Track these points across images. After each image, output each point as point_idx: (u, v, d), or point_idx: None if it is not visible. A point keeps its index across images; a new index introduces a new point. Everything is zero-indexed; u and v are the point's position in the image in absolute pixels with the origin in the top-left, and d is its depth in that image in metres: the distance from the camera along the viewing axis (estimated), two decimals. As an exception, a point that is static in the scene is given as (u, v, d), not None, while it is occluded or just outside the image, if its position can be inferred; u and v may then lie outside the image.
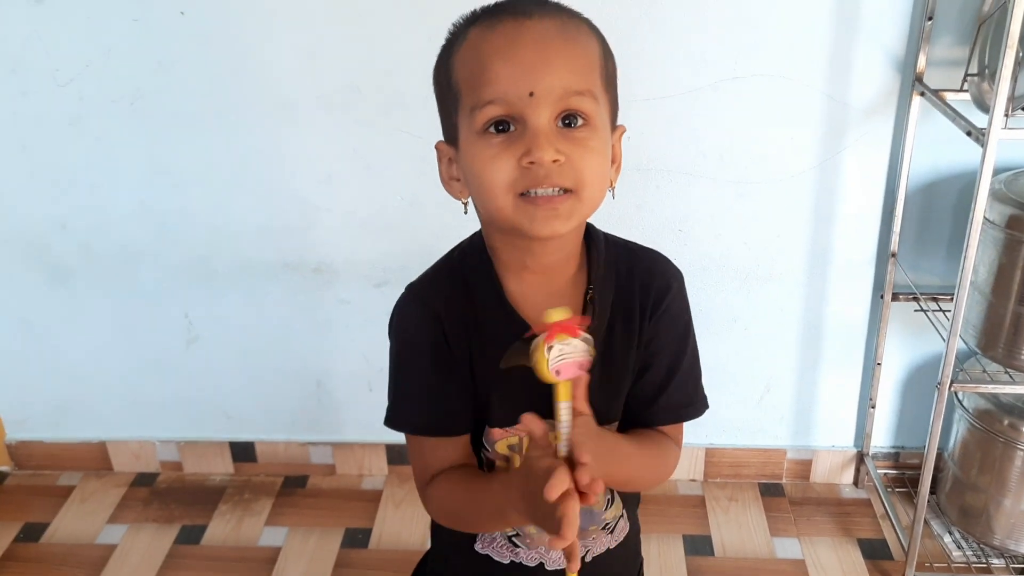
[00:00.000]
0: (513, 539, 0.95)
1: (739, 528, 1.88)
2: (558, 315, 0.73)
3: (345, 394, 1.99)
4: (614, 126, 0.84)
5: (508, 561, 0.96)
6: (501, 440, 0.89)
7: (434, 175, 1.74)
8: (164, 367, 1.98)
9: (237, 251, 1.85)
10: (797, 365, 1.90)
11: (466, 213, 0.85)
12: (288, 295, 1.89)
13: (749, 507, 1.94)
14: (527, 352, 0.75)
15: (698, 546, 1.83)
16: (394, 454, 2.04)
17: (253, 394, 2.01)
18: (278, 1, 1.63)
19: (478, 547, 0.96)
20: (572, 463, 0.72)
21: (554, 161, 0.75)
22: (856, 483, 1.99)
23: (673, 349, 0.91)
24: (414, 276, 0.92)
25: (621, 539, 0.98)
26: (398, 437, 2.13)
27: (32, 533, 1.92)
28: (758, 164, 1.70)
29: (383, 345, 2.06)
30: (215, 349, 1.96)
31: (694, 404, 0.93)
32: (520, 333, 0.81)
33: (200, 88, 1.70)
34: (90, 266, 1.89)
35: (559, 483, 0.69)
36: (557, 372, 0.74)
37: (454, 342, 0.86)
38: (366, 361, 1.94)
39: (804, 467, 1.99)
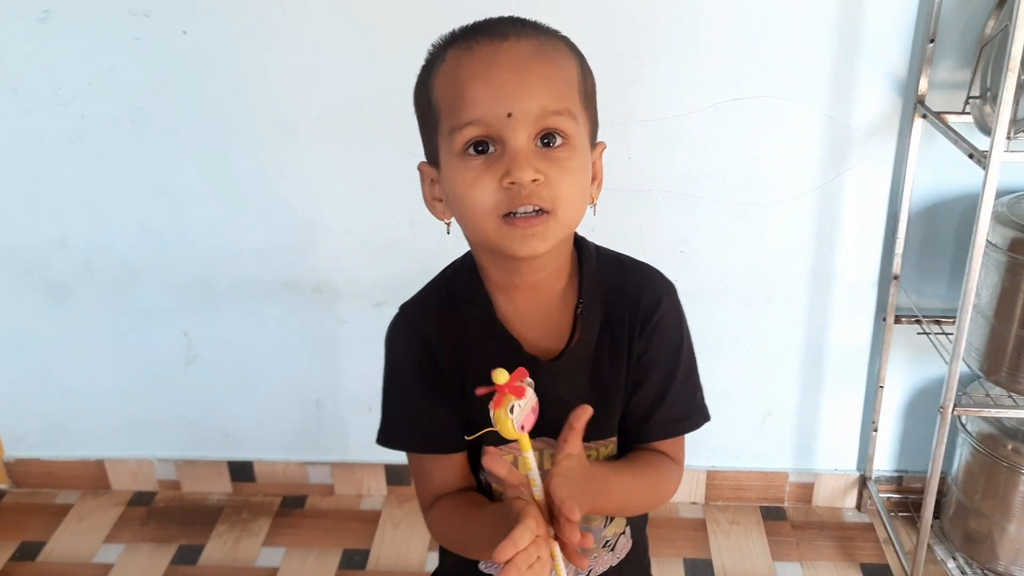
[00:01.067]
0: None
1: (740, 552, 1.86)
2: (502, 377, 0.72)
3: (344, 414, 1.98)
4: (594, 143, 0.84)
5: None
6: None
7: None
8: (163, 386, 1.97)
9: (237, 270, 1.85)
10: (799, 387, 1.88)
11: (448, 233, 0.85)
12: (287, 314, 1.88)
13: (751, 531, 1.92)
14: (489, 427, 0.74)
15: (699, 570, 1.81)
16: (393, 475, 2.02)
17: (252, 413, 2.00)
18: (279, 20, 1.63)
19: (482, 567, 0.96)
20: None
21: (533, 180, 0.75)
22: (859, 507, 1.97)
23: (666, 363, 0.89)
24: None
25: (623, 556, 0.97)
26: (397, 457, 2.12)
27: (29, 552, 1.91)
28: (759, 185, 1.70)
29: (382, 364, 2.05)
30: (214, 368, 1.95)
31: (691, 417, 0.92)
32: (510, 350, 0.83)
33: (201, 107, 1.71)
34: (89, 284, 1.88)
35: (520, 537, 0.69)
36: (522, 427, 0.73)
37: (444, 362, 0.86)
38: (365, 381, 1.93)
39: (806, 490, 1.97)
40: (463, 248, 0.91)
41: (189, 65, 1.67)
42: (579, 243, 0.89)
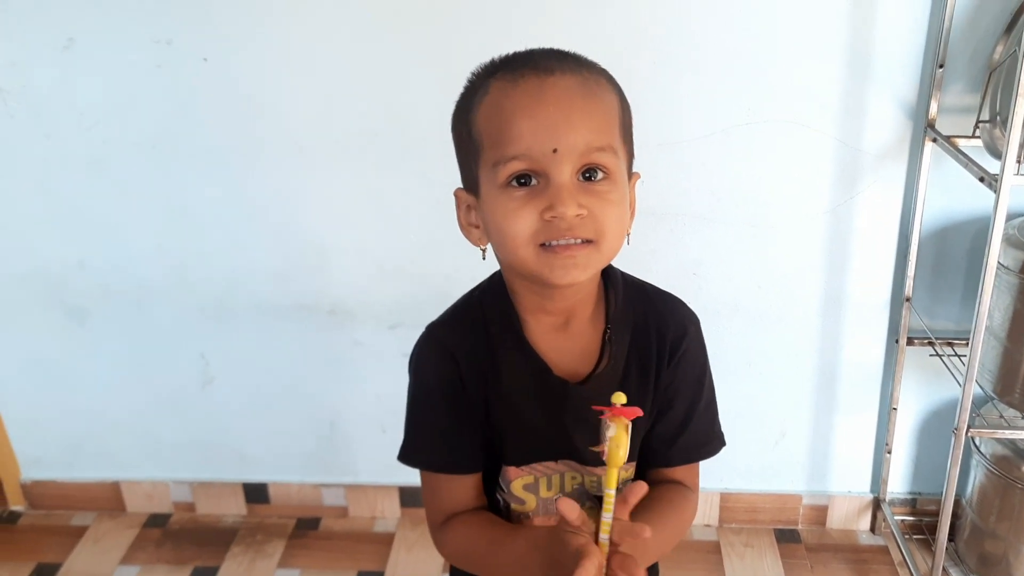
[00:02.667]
0: None
1: (754, 574, 1.86)
2: (621, 399, 0.74)
3: (358, 436, 1.99)
4: (630, 174, 0.85)
5: None
6: (517, 480, 0.89)
7: (449, 218, 1.75)
8: (179, 408, 1.99)
9: (253, 292, 1.87)
10: (812, 409, 1.89)
11: (484, 259, 0.86)
12: (303, 336, 1.90)
13: (765, 553, 1.92)
14: (596, 441, 0.76)
15: (713, 593, 1.81)
16: (407, 496, 2.03)
17: (267, 435, 2.01)
18: (297, 47, 1.66)
19: None
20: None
21: (576, 215, 0.77)
22: (873, 529, 1.96)
23: (691, 392, 0.92)
24: (428, 318, 0.93)
25: None
26: (411, 479, 2.11)
27: (45, 574, 1.92)
28: (772, 208, 1.71)
29: (397, 387, 2.05)
30: (230, 390, 1.97)
31: (711, 443, 0.94)
32: (539, 373, 0.84)
33: (219, 132, 1.73)
34: (107, 306, 1.91)
35: (587, 573, 0.70)
36: (599, 454, 0.75)
37: (470, 383, 0.87)
38: (380, 403, 1.94)
39: (820, 513, 1.97)
40: (478, 272, 0.92)
41: (209, 91, 1.70)
42: (606, 270, 0.90)
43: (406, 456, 0.92)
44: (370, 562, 1.92)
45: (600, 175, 0.79)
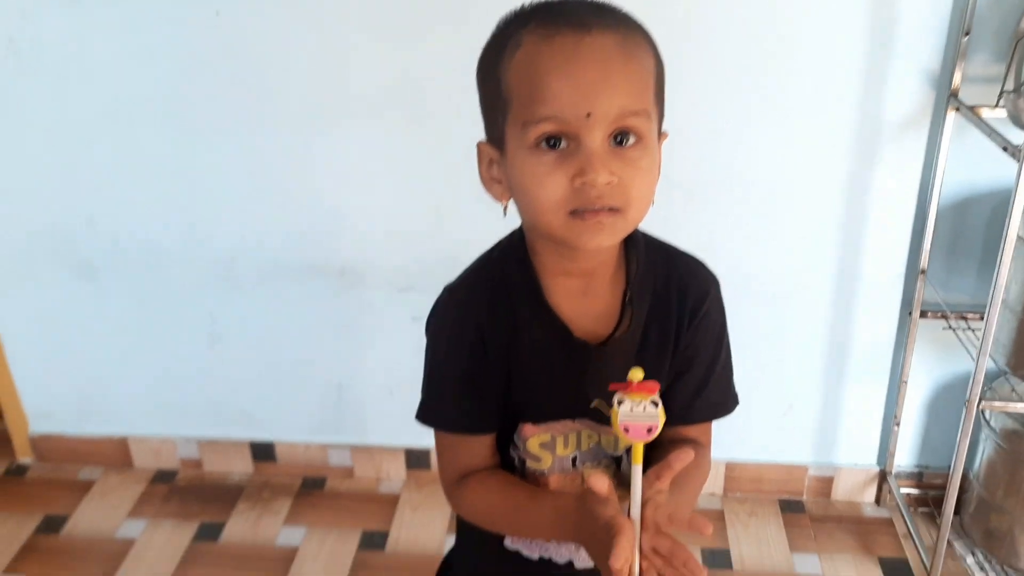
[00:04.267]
0: None
1: (758, 543, 1.87)
2: (637, 375, 0.73)
3: (366, 398, 1.99)
4: (659, 134, 0.83)
5: (537, 557, 0.97)
6: (533, 438, 0.89)
7: (462, 183, 1.74)
8: (187, 366, 1.99)
9: (263, 253, 1.86)
10: (822, 382, 1.88)
11: (505, 215, 0.85)
12: (313, 298, 1.89)
13: (769, 522, 1.92)
14: (607, 405, 0.75)
15: (717, 559, 1.82)
16: (413, 459, 2.03)
17: (275, 395, 2.01)
18: (312, 6, 1.64)
19: (508, 543, 0.96)
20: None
21: (607, 183, 0.75)
22: (878, 502, 1.97)
23: (710, 353, 0.91)
24: (438, 283, 0.91)
25: None
26: (417, 442, 2.13)
27: (52, 525, 1.93)
28: (789, 177, 1.69)
29: (405, 351, 2.06)
30: (238, 349, 1.97)
31: (726, 403, 0.94)
32: (560, 334, 0.83)
33: (233, 89, 1.72)
34: (117, 264, 1.90)
35: (623, 552, 0.71)
36: (626, 429, 0.74)
37: (491, 343, 0.86)
38: (388, 366, 1.94)
39: (826, 484, 1.97)
40: (491, 236, 0.91)
41: (221, 47, 1.68)
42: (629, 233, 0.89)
43: (424, 416, 0.91)
44: (375, 522, 1.93)
45: (632, 140, 0.77)
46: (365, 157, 1.75)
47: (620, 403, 0.73)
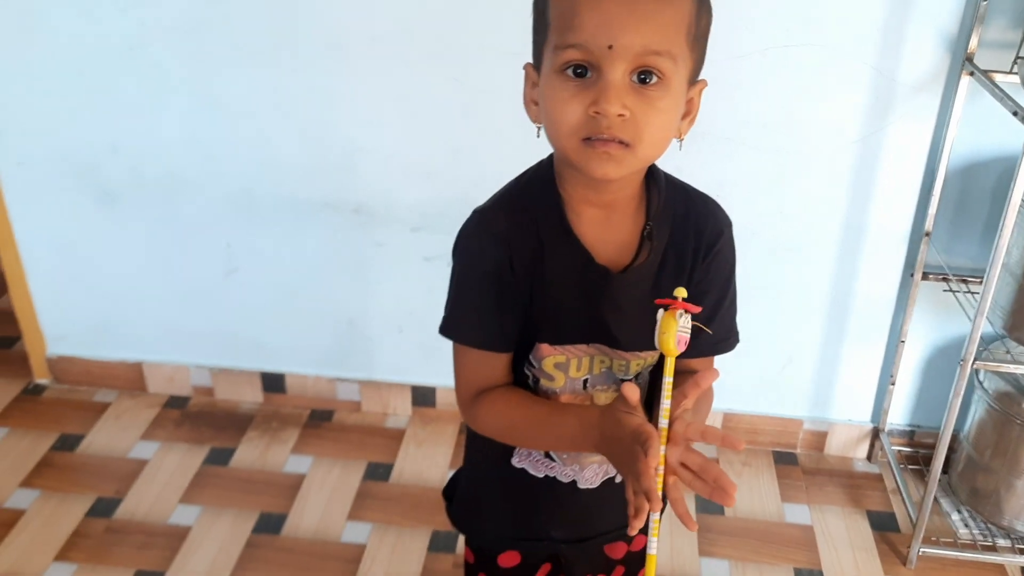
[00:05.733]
0: (551, 455, 1.01)
1: (751, 491, 1.92)
2: (682, 292, 0.80)
3: (375, 334, 2.04)
4: (695, 81, 0.86)
5: (543, 475, 1.02)
6: (549, 358, 0.94)
7: (479, 124, 1.77)
8: (202, 295, 2.04)
9: (280, 186, 1.90)
10: (821, 337, 1.92)
11: (538, 136, 0.89)
12: (327, 233, 1.93)
13: (762, 473, 1.98)
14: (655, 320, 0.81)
15: (709, 505, 1.88)
16: (419, 396, 2.09)
17: (286, 327, 2.06)
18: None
19: (515, 461, 1.02)
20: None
21: (619, 115, 0.79)
22: (870, 458, 2.02)
23: (719, 290, 0.96)
24: (451, 223, 0.95)
25: None
26: (424, 380, 2.16)
27: (68, 443, 2.00)
28: (800, 134, 1.72)
29: (416, 289, 2.10)
30: (253, 281, 2.01)
31: (729, 339, 0.99)
32: (582, 260, 0.89)
33: (256, 22, 1.74)
34: (137, 191, 1.94)
35: (657, 454, 0.77)
36: (657, 342, 0.80)
37: (515, 264, 0.90)
38: (398, 303, 1.98)
39: (819, 439, 2.03)
40: (504, 180, 0.95)
41: (247, -21, 1.70)
42: (650, 170, 0.93)
43: (448, 330, 0.95)
44: (381, 455, 1.99)
45: (654, 79, 0.80)
46: (383, 95, 1.78)
47: (681, 315, 0.79)
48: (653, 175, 0.93)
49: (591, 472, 1.02)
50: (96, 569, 1.71)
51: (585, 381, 0.95)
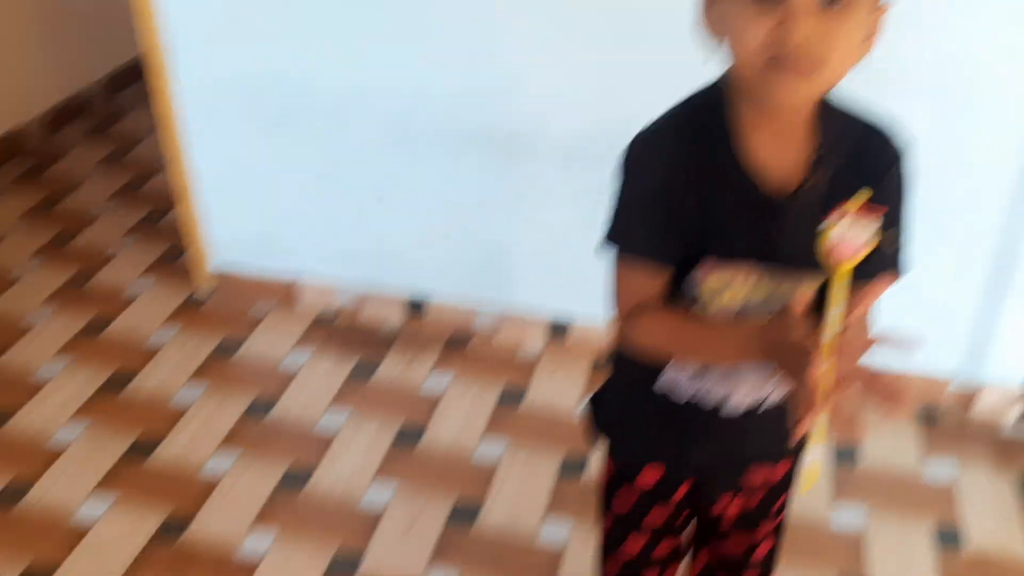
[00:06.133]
0: (702, 374, 1.02)
1: (890, 445, 1.88)
2: (863, 196, 0.80)
3: (518, 265, 2.08)
4: (878, 6, 0.85)
5: (684, 401, 1.03)
6: (710, 278, 0.94)
7: (637, 56, 1.73)
8: (356, 219, 2.12)
9: (435, 114, 1.94)
10: (981, 292, 1.83)
11: (709, 61, 0.89)
12: (477, 162, 1.97)
13: (904, 428, 1.93)
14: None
15: (843, 456, 1.85)
16: (555, 330, 2.12)
17: (431, 254, 2.13)
18: None
19: (658, 386, 1.03)
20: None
21: (803, 38, 0.78)
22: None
23: (893, 216, 0.94)
24: (603, 155, 0.96)
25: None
26: (560, 315, 2.17)
27: (227, 349, 2.14)
28: (989, 70, 1.63)
29: (562, 221, 2.10)
30: (403, 207, 2.08)
31: (896, 267, 0.97)
32: (746, 185, 0.89)
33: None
34: (301, 117, 2.03)
35: (823, 360, 0.78)
36: (831, 249, 0.81)
37: (680, 182, 0.91)
38: (544, 235, 2.01)
39: (967, 399, 1.95)
40: (657, 111, 0.94)
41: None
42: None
43: (612, 237, 0.96)
44: (515, 381, 2.05)
45: (840, 3, 0.79)
46: (544, 22, 1.79)
47: (836, 223, 0.80)
48: (827, 98, 0.91)
49: (741, 394, 1.02)
50: (254, 459, 1.85)
51: (741, 311, 0.95)
